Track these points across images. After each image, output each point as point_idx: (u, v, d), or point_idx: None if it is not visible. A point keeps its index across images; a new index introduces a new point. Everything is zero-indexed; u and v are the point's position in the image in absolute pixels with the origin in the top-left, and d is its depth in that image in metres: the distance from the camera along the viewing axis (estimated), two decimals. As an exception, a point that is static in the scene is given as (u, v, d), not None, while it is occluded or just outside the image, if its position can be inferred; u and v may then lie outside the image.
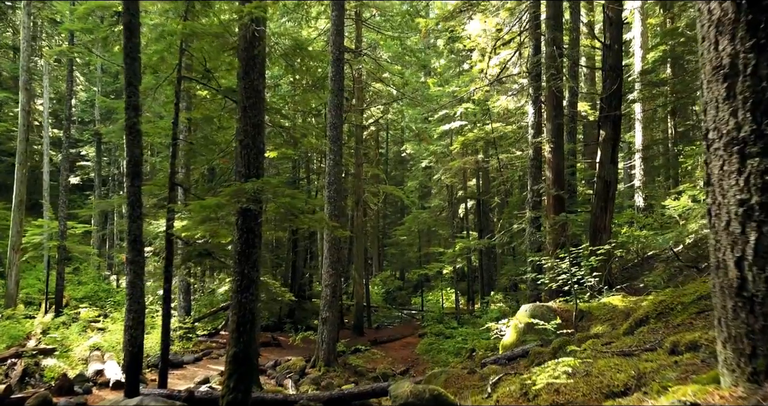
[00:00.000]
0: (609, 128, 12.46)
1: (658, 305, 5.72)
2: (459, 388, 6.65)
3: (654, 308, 5.70)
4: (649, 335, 4.96)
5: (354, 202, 22.69)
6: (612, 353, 4.28)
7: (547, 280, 9.77)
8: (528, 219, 13.78)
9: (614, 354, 4.11)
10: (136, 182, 8.30)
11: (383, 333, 21.76)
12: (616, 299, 8.64)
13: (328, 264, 14.50)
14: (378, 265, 40.11)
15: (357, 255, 22.81)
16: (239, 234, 6.96)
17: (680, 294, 5.68)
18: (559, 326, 8.34)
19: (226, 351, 6.81)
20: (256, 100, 7.19)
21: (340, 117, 14.77)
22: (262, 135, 7.24)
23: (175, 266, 9.32)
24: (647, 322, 5.61)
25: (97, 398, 10.58)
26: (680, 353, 3.59)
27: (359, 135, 22.14)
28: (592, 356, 4.55)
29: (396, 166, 39.91)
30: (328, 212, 14.60)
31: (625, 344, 4.69)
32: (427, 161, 27.64)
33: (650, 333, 5.01)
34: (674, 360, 3.42)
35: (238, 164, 7.12)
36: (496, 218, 26.20)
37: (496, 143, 20.75)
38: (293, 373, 13.47)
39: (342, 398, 8.30)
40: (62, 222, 19.79)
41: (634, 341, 4.82)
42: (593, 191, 13.75)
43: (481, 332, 16.83)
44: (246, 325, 6.86)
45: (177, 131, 9.33)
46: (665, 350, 3.72)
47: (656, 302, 5.81)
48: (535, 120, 13.80)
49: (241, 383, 6.71)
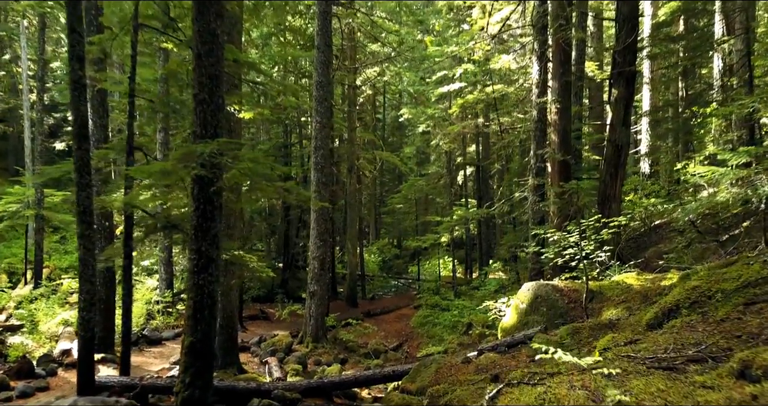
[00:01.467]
0: (622, 86, 11.28)
1: (691, 292, 4.73)
2: (451, 384, 5.73)
3: (686, 295, 4.72)
4: (685, 332, 3.98)
5: (347, 168, 21.58)
6: (645, 363, 3.30)
7: (551, 254, 8.80)
8: (531, 187, 12.71)
9: (650, 367, 3.13)
10: (83, 145, 7.21)
11: (378, 304, 21.00)
12: (630, 277, 7.67)
13: (315, 235, 13.53)
14: (375, 233, 39.30)
15: (351, 224, 21.84)
16: (195, 205, 5.94)
17: (719, 278, 4.68)
18: (567, 307, 7.42)
19: (181, 340, 5.88)
20: (213, 46, 6.05)
21: (327, 75, 13.54)
22: (220, 88, 6.12)
23: (136, 241, 8.33)
24: (678, 312, 4.63)
25: (61, 381, 9.76)
26: (756, 379, 2.59)
27: (352, 97, 20.87)
28: (615, 361, 3.59)
29: (394, 132, 38.65)
30: (316, 179, 13.55)
31: (658, 346, 3.72)
32: (424, 126, 26.38)
33: (686, 330, 4.04)
34: (750, 392, 2.44)
35: (194, 123, 6.04)
36: (496, 185, 25.15)
37: (497, 105, 19.50)
38: (279, 350, 12.64)
39: (321, 387, 7.43)
40: (38, 189, 18.75)
41: (667, 340, 3.84)
42: (602, 156, 12.67)
43: (479, 305, 16.05)
44: (204, 311, 5.90)
45: (134, 88, 8.17)
46: (729, 371, 2.74)
47: (688, 287, 4.82)
48: (539, 78, 12.59)
49: (199, 377, 5.80)
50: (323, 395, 7.47)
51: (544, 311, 7.47)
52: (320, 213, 13.39)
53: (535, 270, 12.15)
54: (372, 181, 31.28)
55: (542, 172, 12.70)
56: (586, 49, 17.82)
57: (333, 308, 18.63)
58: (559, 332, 6.40)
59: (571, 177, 11.72)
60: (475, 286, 19.07)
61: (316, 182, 13.45)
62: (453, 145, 24.30)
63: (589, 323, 6.00)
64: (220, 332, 10.45)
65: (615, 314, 6.50)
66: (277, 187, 6.02)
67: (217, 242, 6.01)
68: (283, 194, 6.06)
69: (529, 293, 7.83)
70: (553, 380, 3.99)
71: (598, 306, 7.11)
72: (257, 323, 16.94)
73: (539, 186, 12.57)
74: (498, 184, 24.66)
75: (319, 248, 13.45)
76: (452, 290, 20.05)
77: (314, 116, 13.55)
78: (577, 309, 7.30)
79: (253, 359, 12.40)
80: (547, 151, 12.30)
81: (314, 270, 13.53)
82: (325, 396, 7.49)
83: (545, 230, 9.57)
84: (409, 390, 6.47)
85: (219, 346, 10.49)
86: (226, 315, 10.46)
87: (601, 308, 6.98)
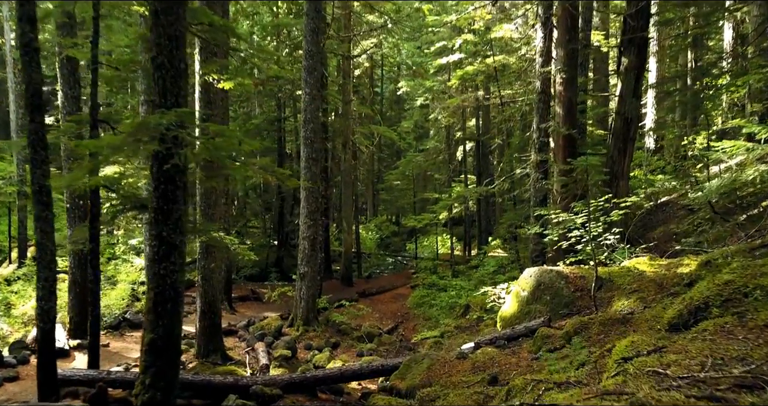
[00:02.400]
0: (633, 54, 10.46)
1: (722, 287, 4.05)
2: (443, 386, 5.11)
3: (717, 291, 4.04)
4: (721, 339, 3.32)
5: (342, 144, 20.78)
6: (680, 385, 2.64)
7: (555, 236, 8.12)
8: (533, 163, 11.97)
9: (688, 395, 2.47)
10: (36, 117, 6.47)
11: (374, 284, 20.43)
12: (642, 263, 7.01)
13: (305, 214, 12.84)
14: (373, 209, 38.67)
15: (346, 202, 21.13)
16: (155, 185, 5.23)
17: (756, 273, 4.00)
18: (573, 296, 6.77)
19: (141, 336, 5.24)
20: (172, 2, 5.26)
21: (317, 44, 12.67)
22: (182, 51, 5.34)
23: (103, 222, 7.65)
24: (708, 312, 3.96)
25: (32, 370, 9.13)
26: None
27: (347, 68, 19.93)
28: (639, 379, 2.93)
29: (392, 106, 37.67)
30: (306, 154, 12.80)
31: (691, 359, 3.05)
32: (422, 99, 25.43)
33: (722, 336, 3.37)
34: None
35: (153, 92, 5.28)
36: (497, 161, 24.36)
37: (498, 77, 18.59)
38: (268, 334, 12.08)
39: (304, 382, 6.83)
40: (20, 166, 18.02)
41: (701, 350, 3.17)
42: (610, 130, 11.90)
43: (477, 286, 15.46)
44: (167, 304, 5.25)
45: (96, 54, 7.38)
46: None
47: (719, 282, 4.14)
48: (544, 45, 11.72)
49: (160, 378, 5.17)
50: (307, 390, 6.88)
51: (547, 300, 6.83)
52: (310, 191, 12.68)
53: (537, 251, 11.50)
54: (369, 156, 30.49)
55: (545, 147, 11.94)
56: (596, 10, 16.84)
57: (327, 288, 18.08)
58: (565, 326, 5.76)
59: (576, 152, 10.96)
60: (474, 265, 18.47)
61: (306, 158, 12.70)
62: (452, 120, 23.44)
63: (600, 317, 5.35)
64: (201, 317, 9.87)
65: (627, 305, 5.85)
66: (249, 165, 5.30)
67: (180, 227, 5.31)
68: (254, 174, 5.34)
69: (531, 280, 7.17)
70: (560, 394, 3.35)
71: (608, 295, 6.46)
72: (248, 305, 16.39)
73: (542, 162, 11.82)
74: (498, 160, 23.88)
75: (310, 227, 12.78)
76: (450, 268, 19.46)
77: (304, 88, 12.72)
78: (584, 298, 6.65)
79: (240, 344, 11.84)
80: (550, 125, 11.52)
81: (304, 251, 12.89)
82: (309, 392, 6.89)
83: (549, 211, 8.87)
84: (398, 389, 5.87)
85: (201, 333, 9.92)
86: (208, 300, 9.84)
87: (611, 297, 6.33)
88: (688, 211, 11.96)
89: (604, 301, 6.35)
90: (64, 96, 10.57)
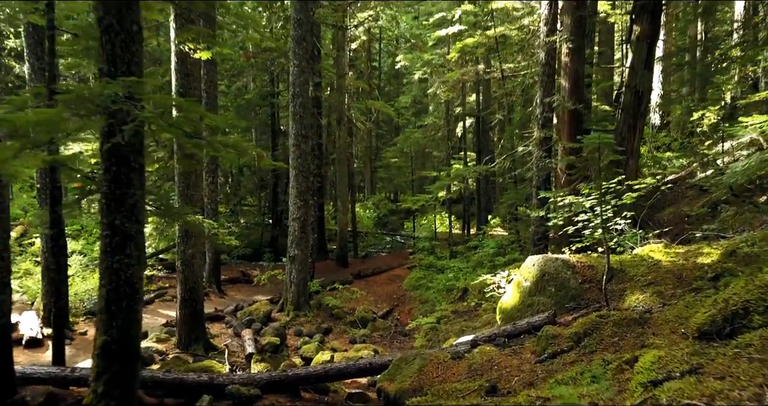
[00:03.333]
0: (645, 22, 9.67)
1: (764, 290, 3.42)
2: (436, 395, 4.51)
3: (758, 295, 3.41)
4: (773, 360, 2.70)
5: (336, 120, 19.98)
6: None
7: (560, 221, 7.47)
8: (536, 140, 11.24)
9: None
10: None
11: (370, 264, 19.85)
12: (656, 251, 6.37)
13: (295, 194, 12.19)
14: (370, 187, 37.94)
15: (340, 180, 20.43)
16: (105, 166, 4.55)
17: (805, 272, 3.37)
18: (580, 288, 6.15)
19: (94, 338, 4.63)
20: (121, -49, 4.50)
21: (306, 12, 11.83)
22: (135, 11, 4.61)
23: (66, 205, 6.98)
24: (748, 319, 3.33)
25: None
26: None
27: (341, 40, 19.01)
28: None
29: (390, 81, 36.67)
30: (295, 131, 12.08)
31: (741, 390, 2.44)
32: (421, 73, 24.51)
33: (774, 356, 2.75)
34: None
35: (100, 59, 4.56)
36: (497, 138, 23.56)
37: (499, 49, 17.72)
38: (256, 320, 11.54)
39: (285, 381, 6.27)
40: (1, 143, 17.25)
41: (751, 374, 2.56)
42: (618, 105, 11.17)
43: (475, 268, 14.89)
44: (121, 302, 4.62)
45: (53, 18, 6.62)
46: None
47: (760, 284, 3.50)
48: (549, 13, 10.90)
49: (115, 386, 4.57)
50: (288, 389, 6.32)
51: (552, 292, 6.21)
52: (300, 170, 11.99)
53: (539, 234, 10.87)
54: (367, 132, 29.61)
55: (549, 123, 11.19)
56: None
57: (321, 269, 17.52)
58: (572, 323, 5.15)
59: (582, 129, 10.24)
60: (473, 245, 17.87)
61: (295, 135, 11.99)
62: (451, 94, 22.55)
63: (613, 316, 4.73)
64: (182, 305, 9.29)
65: (643, 300, 5.23)
66: (215, 144, 4.61)
67: (136, 214, 4.65)
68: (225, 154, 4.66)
69: (534, 269, 6.54)
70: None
71: (620, 287, 5.84)
72: (238, 287, 15.84)
73: (545, 139, 11.09)
74: (499, 137, 23.09)
75: (300, 208, 12.14)
76: (448, 248, 18.88)
77: (292, 59, 11.93)
78: (593, 290, 6.03)
79: (227, 330, 11.30)
80: (555, 99, 10.76)
81: (294, 232, 12.28)
82: (291, 391, 6.34)
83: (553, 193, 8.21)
84: (387, 392, 5.29)
85: (182, 321, 9.35)
86: (189, 287, 9.25)
87: (624, 290, 5.71)
88: (699, 191, 11.30)
89: (615, 294, 5.73)
90: (31, 68, 9.81)
